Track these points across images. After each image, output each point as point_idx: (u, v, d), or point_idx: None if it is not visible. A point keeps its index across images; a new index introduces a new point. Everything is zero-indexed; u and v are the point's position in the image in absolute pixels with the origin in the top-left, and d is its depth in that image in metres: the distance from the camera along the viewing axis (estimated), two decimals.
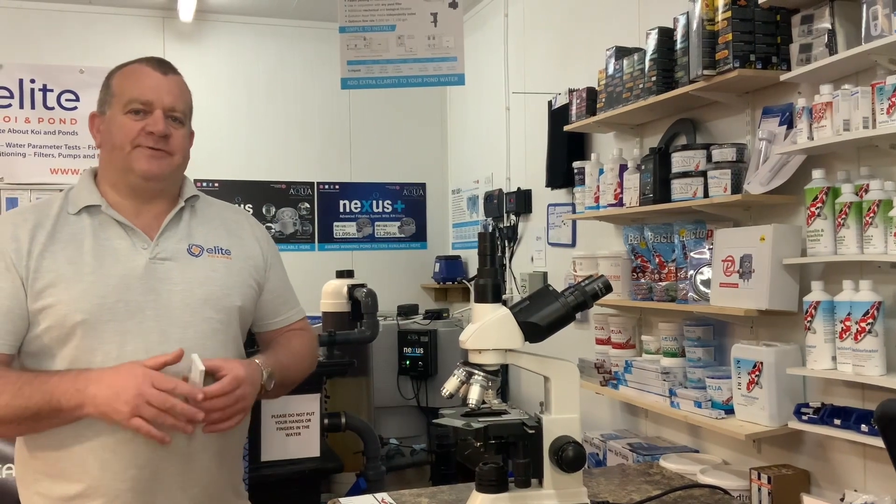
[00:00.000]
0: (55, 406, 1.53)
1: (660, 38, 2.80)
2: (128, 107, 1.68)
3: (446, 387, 1.62)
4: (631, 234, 3.15)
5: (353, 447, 3.96)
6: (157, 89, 1.70)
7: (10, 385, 1.54)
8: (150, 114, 1.68)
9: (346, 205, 5.72)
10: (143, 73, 1.72)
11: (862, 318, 2.07)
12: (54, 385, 1.54)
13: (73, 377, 1.55)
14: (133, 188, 1.71)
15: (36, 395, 1.52)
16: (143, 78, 1.71)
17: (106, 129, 1.72)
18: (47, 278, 1.60)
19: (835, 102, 2.12)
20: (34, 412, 1.53)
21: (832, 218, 2.18)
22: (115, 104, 1.70)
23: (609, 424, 3.52)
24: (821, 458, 2.41)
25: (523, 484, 1.60)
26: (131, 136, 1.67)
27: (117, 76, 1.74)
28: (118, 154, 1.69)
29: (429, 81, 3.89)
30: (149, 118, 1.67)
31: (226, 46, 5.48)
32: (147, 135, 1.67)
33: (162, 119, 1.68)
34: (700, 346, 2.77)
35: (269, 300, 1.88)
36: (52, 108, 5.05)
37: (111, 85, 1.73)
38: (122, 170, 1.70)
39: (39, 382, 1.54)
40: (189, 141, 1.79)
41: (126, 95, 1.69)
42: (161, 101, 1.69)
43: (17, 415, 1.53)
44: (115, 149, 1.69)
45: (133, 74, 1.72)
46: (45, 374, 1.57)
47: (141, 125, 1.67)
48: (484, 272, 1.62)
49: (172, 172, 1.74)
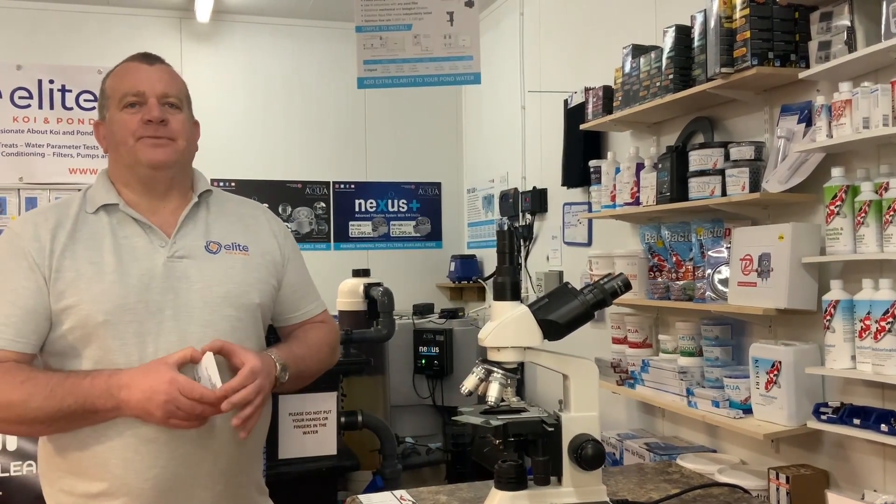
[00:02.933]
0: (90, 409, 1.55)
1: (677, 36, 2.79)
2: (122, 102, 1.70)
3: (465, 384, 1.62)
4: (648, 232, 3.14)
5: (370, 445, 3.97)
6: (147, 79, 1.72)
7: (41, 387, 1.55)
8: (144, 104, 1.70)
9: (362, 204, 5.74)
10: (130, 68, 1.75)
11: (882, 317, 2.06)
12: (87, 388, 1.55)
13: (105, 379, 1.56)
14: (144, 182, 1.73)
15: (69, 398, 1.54)
16: (132, 72, 1.74)
17: (108, 131, 1.74)
18: (69, 278, 1.62)
19: (854, 100, 2.11)
20: (67, 413, 1.54)
21: (851, 216, 2.17)
22: (111, 105, 1.73)
23: (625, 424, 3.51)
24: (840, 458, 2.40)
25: (542, 482, 1.59)
26: (131, 128, 1.69)
27: (108, 79, 1.77)
28: (123, 150, 1.71)
29: (445, 81, 3.89)
30: (144, 109, 1.70)
31: (242, 47, 5.51)
32: (146, 124, 1.69)
33: (157, 105, 1.70)
34: (718, 346, 2.76)
35: (288, 294, 1.88)
36: (70, 108, 5.09)
37: (105, 89, 1.76)
38: (129, 165, 1.72)
39: (71, 384, 1.55)
40: (193, 128, 1.81)
41: (119, 92, 1.71)
42: (153, 89, 1.71)
43: (49, 416, 1.54)
44: (120, 145, 1.71)
45: (122, 72, 1.75)
46: (75, 376, 1.58)
47: (138, 117, 1.69)
48: (503, 270, 1.62)
49: (178, 158, 1.74)
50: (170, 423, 1.55)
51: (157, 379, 1.54)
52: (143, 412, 1.55)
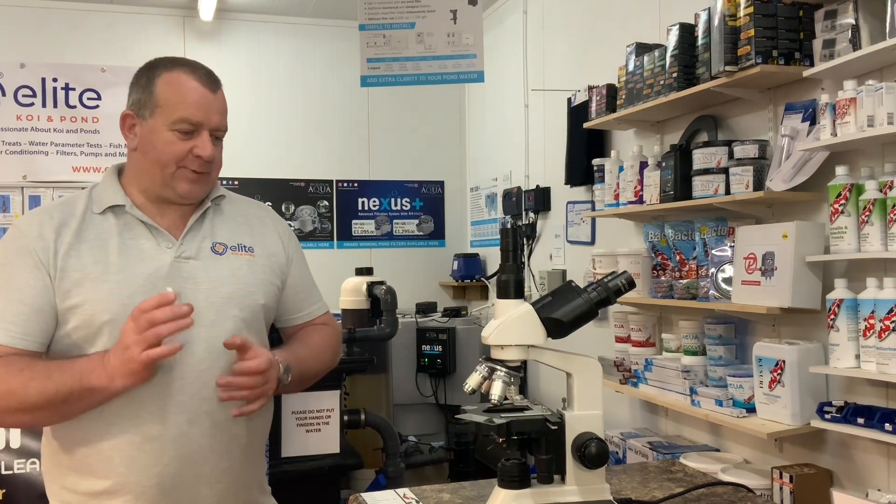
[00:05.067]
0: (86, 386, 1.53)
1: (681, 34, 2.79)
2: (176, 125, 1.64)
3: (469, 383, 1.62)
4: (651, 231, 3.13)
5: (373, 444, 3.97)
6: (208, 109, 1.66)
7: (40, 372, 1.55)
8: (197, 134, 1.65)
9: (365, 202, 5.74)
10: (191, 88, 1.66)
11: (886, 315, 2.06)
12: (82, 365, 1.55)
13: (98, 356, 1.56)
14: (166, 199, 1.71)
15: (65, 377, 1.53)
16: (192, 94, 1.66)
17: (147, 138, 1.67)
18: (74, 277, 1.61)
19: (858, 98, 2.11)
20: (66, 395, 1.53)
21: (856, 215, 2.16)
22: (160, 115, 1.64)
23: (629, 423, 3.51)
24: (844, 457, 2.39)
25: (546, 480, 1.59)
26: (178, 156, 1.65)
27: (162, 83, 1.66)
28: (159, 170, 1.66)
29: (448, 79, 3.89)
30: (196, 139, 1.65)
31: (246, 45, 5.51)
32: (194, 158, 1.65)
33: (210, 143, 1.66)
34: (721, 345, 2.76)
35: (291, 295, 1.88)
36: (74, 106, 5.10)
37: (155, 92, 1.66)
38: (160, 185, 1.68)
39: (68, 365, 1.56)
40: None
41: (175, 112, 1.64)
42: (210, 121, 1.67)
43: (49, 399, 1.53)
44: (157, 164, 1.66)
45: (182, 88, 1.66)
46: (71, 359, 1.58)
47: (188, 147, 1.64)
48: (506, 268, 1.62)
49: (209, 188, 1.75)
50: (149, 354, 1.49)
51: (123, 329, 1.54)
52: (124, 358, 1.50)
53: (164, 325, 1.49)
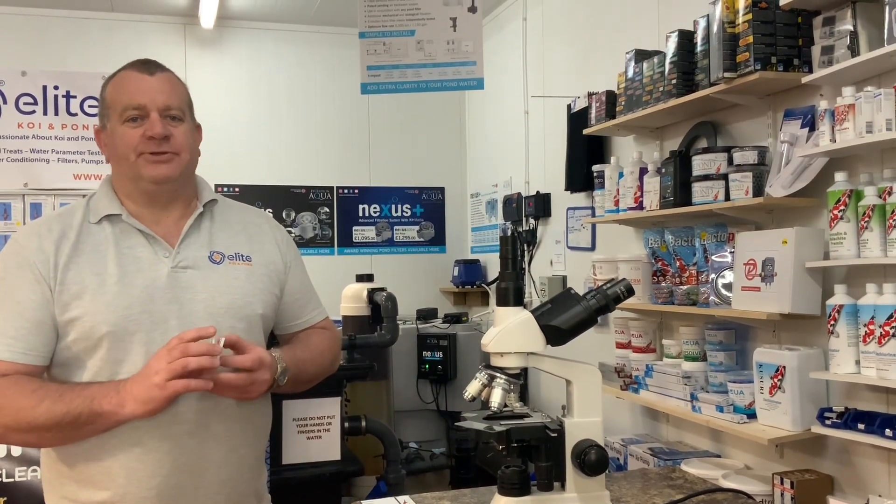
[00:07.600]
0: (96, 410, 1.54)
1: (680, 41, 2.79)
2: (124, 115, 1.67)
3: (468, 390, 1.62)
4: (651, 237, 3.14)
5: (374, 451, 3.97)
6: (148, 91, 1.68)
7: (50, 392, 1.55)
8: (146, 118, 1.67)
9: (366, 209, 5.75)
10: (130, 78, 1.71)
11: (886, 321, 2.06)
12: (95, 390, 1.56)
13: (113, 383, 1.58)
14: (147, 195, 1.72)
15: (77, 400, 1.54)
16: (131, 83, 1.70)
17: (110, 142, 1.72)
18: (73, 290, 1.61)
19: (857, 104, 2.11)
20: (74, 417, 1.54)
21: (855, 221, 2.17)
22: (112, 116, 1.70)
23: (629, 429, 3.50)
24: (845, 463, 2.39)
25: (546, 487, 1.60)
26: (133, 144, 1.67)
27: (109, 87, 1.73)
28: (125, 164, 1.69)
29: (448, 86, 3.90)
30: (146, 123, 1.67)
31: (246, 52, 5.53)
32: (147, 140, 1.66)
33: (159, 121, 1.67)
34: (722, 350, 2.76)
35: (290, 302, 1.88)
36: (75, 114, 5.11)
37: (105, 98, 1.73)
38: (132, 179, 1.71)
39: (80, 388, 1.57)
40: (194, 136, 1.78)
41: (120, 104, 1.68)
42: (154, 102, 1.68)
43: (57, 421, 1.54)
44: (122, 160, 1.70)
45: (122, 82, 1.71)
46: (84, 383, 1.60)
47: (140, 131, 1.67)
48: (506, 275, 1.62)
49: (182, 172, 1.73)
50: (173, 385, 1.51)
51: (153, 357, 1.56)
52: (147, 386, 1.52)
53: (194, 357, 1.51)
